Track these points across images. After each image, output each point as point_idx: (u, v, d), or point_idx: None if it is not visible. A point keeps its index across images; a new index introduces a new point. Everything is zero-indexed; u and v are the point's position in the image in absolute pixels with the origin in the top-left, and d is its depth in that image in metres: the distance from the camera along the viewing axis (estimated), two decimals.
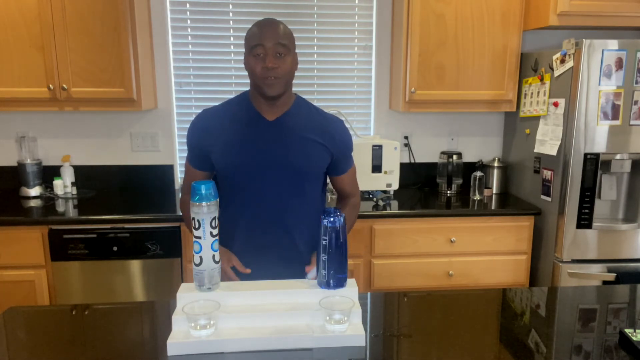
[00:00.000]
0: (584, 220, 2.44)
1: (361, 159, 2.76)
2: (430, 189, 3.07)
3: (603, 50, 2.30)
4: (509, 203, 2.73)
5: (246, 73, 2.89)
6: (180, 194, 1.67)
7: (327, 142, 1.63)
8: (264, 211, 1.61)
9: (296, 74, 2.08)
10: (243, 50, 2.88)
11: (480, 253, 2.62)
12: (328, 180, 1.81)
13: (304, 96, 2.29)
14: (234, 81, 2.96)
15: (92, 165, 2.95)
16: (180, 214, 1.73)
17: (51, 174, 2.87)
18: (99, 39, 2.49)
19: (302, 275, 1.59)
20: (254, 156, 1.57)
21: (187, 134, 1.65)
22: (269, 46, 1.49)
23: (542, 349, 1.25)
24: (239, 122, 1.60)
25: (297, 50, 1.71)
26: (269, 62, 1.49)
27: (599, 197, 2.47)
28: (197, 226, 1.29)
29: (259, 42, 1.50)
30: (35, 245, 2.38)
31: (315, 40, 2.95)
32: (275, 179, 1.58)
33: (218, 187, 1.64)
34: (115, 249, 2.41)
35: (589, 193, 2.42)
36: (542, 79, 2.58)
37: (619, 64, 2.31)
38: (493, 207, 2.65)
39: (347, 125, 2.93)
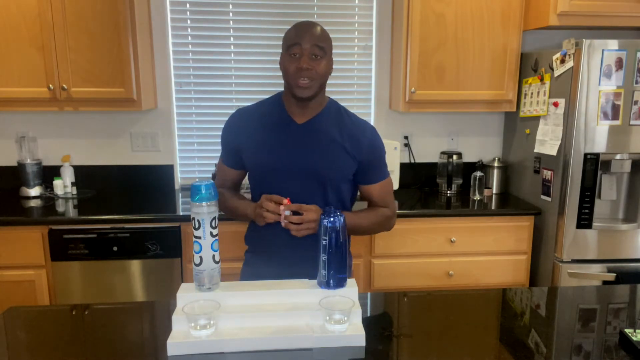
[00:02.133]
0: (584, 220, 2.44)
1: None
2: (430, 189, 3.07)
3: (603, 50, 2.30)
4: (509, 203, 2.73)
5: (245, 73, 2.94)
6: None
7: (354, 148, 1.60)
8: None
9: None
10: (243, 50, 2.91)
11: (480, 253, 2.62)
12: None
13: None
14: (234, 81, 2.96)
15: (92, 165, 2.95)
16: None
17: (51, 174, 2.87)
18: (99, 39, 2.49)
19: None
20: (280, 159, 1.58)
21: (221, 133, 1.69)
22: (306, 47, 1.49)
23: (542, 349, 1.25)
24: (270, 124, 1.61)
25: None
26: (304, 62, 1.48)
27: (599, 197, 2.47)
28: (197, 226, 1.29)
29: (296, 41, 1.49)
30: (35, 245, 2.38)
31: None
32: (298, 183, 1.59)
33: (250, 183, 1.68)
34: (115, 249, 2.41)
35: (589, 193, 2.42)
36: (542, 79, 2.58)
37: (619, 64, 2.31)
38: (493, 207, 2.65)
39: None
